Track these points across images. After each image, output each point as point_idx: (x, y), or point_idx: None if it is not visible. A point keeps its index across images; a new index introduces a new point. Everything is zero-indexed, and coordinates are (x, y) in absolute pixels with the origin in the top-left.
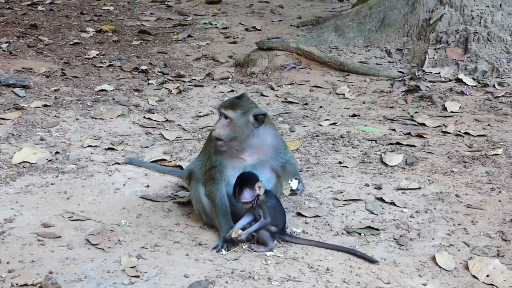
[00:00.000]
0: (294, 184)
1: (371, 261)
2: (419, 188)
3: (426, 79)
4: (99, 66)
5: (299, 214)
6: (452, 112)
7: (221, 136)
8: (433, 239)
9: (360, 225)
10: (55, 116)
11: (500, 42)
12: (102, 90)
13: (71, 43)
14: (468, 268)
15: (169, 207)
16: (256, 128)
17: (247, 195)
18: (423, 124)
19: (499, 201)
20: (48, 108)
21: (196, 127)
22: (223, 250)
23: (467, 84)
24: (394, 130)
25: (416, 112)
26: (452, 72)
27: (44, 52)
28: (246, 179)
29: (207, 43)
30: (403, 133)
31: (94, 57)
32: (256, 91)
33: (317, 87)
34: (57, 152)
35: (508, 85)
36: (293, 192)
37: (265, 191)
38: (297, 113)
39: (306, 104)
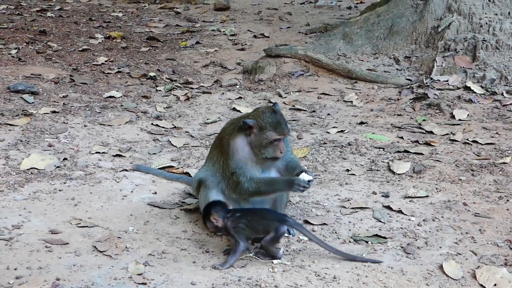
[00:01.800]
0: (306, 176)
1: (374, 262)
2: (427, 196)
3: (434, 87)
4: (108, 73)
5: (306, 221)
6: (460, 120)
7: None
8: (440, 247)
9: (367, 233)
10: (64, 123)
11: (509, 50)
12: (110, 97)
13: (80, 49)
14: (476, 277)
15: (176, 214)
16: None
17: (209, 226)
18: (431, 132)
19: (507, 209)
20: (57, 114)
21: (203, 134)
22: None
23: (475, 92)
24: (402, 138)
25: (424, 120)
26: (460, 80)
27: (53, 58)
28: (205, 211)
29: (215, 50)
30: (411, 141)
31: (102, 63)
32: (264, 98)
33: (325, 94)
34: (65, 159)
35: None
36: (307, 185)
37: (230, 214)
38: (305, 120)
39: (313, 111)
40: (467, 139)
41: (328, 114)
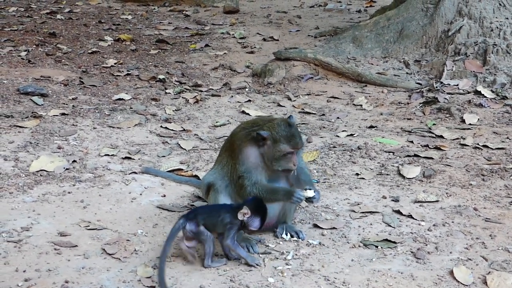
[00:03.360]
0: (309, 193)
1: None
2: (437, 201)
3: (444, 91)
4: (117, 75)
5: (315, 226)
6: (470, 124)
7: None
8: (451, 253)
9: (377, 237)
10: (73, 125)
11: None
12: (119, 99)
13: (89, 51)
14: (486, 283)
15: None
16: None
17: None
18: (441, 137)
19: None
20: (66, 116)
21: (213, 136)
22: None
23: (485, 97)
24: (411, 142)
25: (434, 124)
26: (470, 84)
27: (63, 60)
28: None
29: (225, 53)
30: (421, 145)
31: (112, 66)
32: (273, 101)
33: (335, 98)
34: (74, 161)
35: None
36: (309, 201)
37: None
38: (314, 124)
39: (323, 115)
40: (478, 144)
41: (338, 118)
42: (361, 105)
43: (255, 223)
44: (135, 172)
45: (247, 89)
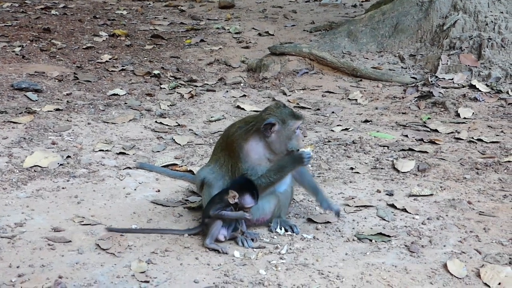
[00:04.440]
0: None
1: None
2: (431, 194)
3: (439, 85)
4: (112, 71)
5: (310, 220)
6: (465, 118)
7: None
8: (444, 246)
9: (371, 231)
10: (67, 120)
11: None
12: (114, 95)
13: (84, 47)
14: (480, 276)
15: (179, 212)
16: None
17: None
18: (436, 130)
19: None
20: (60, 112)
21: (207, 132)
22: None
23: (480, 91)
24: (406, 136)
25: (428, 118)
26: (465, 78)
27: (57, 56)
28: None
29: (220, 48)
30: (415, 139)
31: (106, 61)
32: (268, 96)
33: (330, 92)
34: (68, 156)
35: None
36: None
37: None
38: (309, 119)
39: (318, 109)
40: (472, 138)
41: (333, 112)
42: (356, 100)
43: (248, 200)
44: (129, 168)
45: (242, 84)
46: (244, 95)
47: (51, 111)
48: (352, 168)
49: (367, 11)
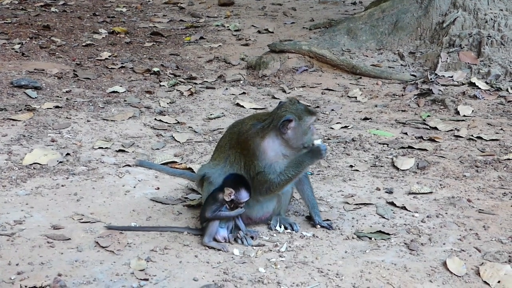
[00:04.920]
0: (318, 142)
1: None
2: (431, 192)
3: (438, 83)
4: (111, 68)
5: (309, 218)
6: (464, 116)
7: None
8: (444, 244)
9: (370, 229)
10: (67, 118)
11: None
12: (113, 92)
13: (84, 44)
14: (479, 274)
15: (179, 210)
16: None
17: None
18: (435, 128)
19: (511, 206)
20: (60, 109)
21: (207, 129)
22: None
23: (480, 88)
24: (406, 133)
25: (428, 116)
26: (465, 76)
27: (57, 53)
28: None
29: (219, 45)
30: (415, 137)
31: (106, 58)
32: (268, 93)
33: (329, 90)
34: (67, 154)
35: None
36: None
37: None
38: None
39: (317, 107)
40: (472, 135)
41: (332, 110)
42: (355, 97)
43: (244, 194)
44: (129, 165)
45: (241, 82)
46: (244, 93)
47: (50, 108)
48: (351, 166)
49: (367, 9)
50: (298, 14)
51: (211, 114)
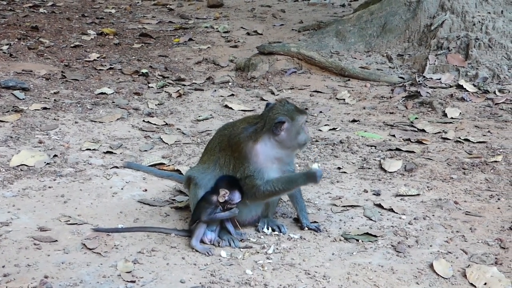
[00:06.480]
0: (315, 166)
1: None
2: (418, 194)
3: (426, 85)
4: (100, 69)
5: (297, 220)
6: (452, 118)
7: None
8: (431, 246)
9: (358, 231)
10: (54, 119)
11: (501, 48)
12: (102, 93)
13: (72, 45)
14: (466, 276)
15: (166, 212)
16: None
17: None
18: (423, 130)
19: (498, 208)
20: (48, 111)
21: (195, 131)
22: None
23: (467, 91)
24: (394, 136)
25: (416, 118)
26: (452, 78)
27: (45, 54)
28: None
29: (208, 47)
30: (402, 139)
31: (94, 60)
32: (256, 95)
33: (318, 92)
34: (55, 155)
35: (509, 91)
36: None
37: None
38: None
39: (306, 109)
40: (459, 138)
41: (320, 112)
42: (344, 99)
43: (237, 195)
44: (116, 167)
45: (230, 83)
46: (232, 94)
47: (38, 109)
48: (339, 168)
49: (355, 11)
50: (287, 16)
51: (199, 116)
